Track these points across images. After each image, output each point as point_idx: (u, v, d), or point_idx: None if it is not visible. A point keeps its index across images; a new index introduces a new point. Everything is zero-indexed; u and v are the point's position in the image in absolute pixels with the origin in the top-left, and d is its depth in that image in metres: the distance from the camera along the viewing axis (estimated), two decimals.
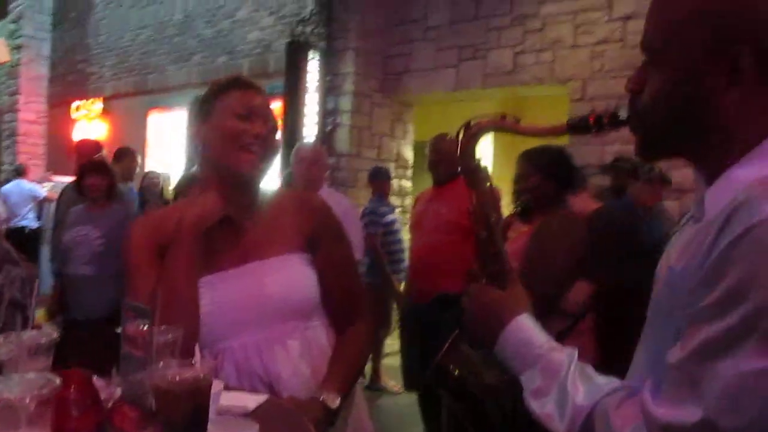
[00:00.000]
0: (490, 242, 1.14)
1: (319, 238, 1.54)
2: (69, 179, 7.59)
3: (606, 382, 0.92)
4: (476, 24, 6.01)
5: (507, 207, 3.95)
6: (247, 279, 1.45)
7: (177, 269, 1.38)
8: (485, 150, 6.72)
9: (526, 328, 1.01)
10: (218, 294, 1.43)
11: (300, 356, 1.47)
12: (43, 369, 1.17)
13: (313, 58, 6.29)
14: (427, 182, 7.16)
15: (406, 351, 3.74)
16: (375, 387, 5.23)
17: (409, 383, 3.92)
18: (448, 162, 3.64)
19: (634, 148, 0.99)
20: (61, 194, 4.63)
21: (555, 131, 1.14)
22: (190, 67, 8.32)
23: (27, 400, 0.91)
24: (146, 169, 8.42)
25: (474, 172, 1.17)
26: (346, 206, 3.86)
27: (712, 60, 0.85)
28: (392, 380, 5.14)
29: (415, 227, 3.74)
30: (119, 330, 1.23)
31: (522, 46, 5.75)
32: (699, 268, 0.79)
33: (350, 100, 6.36)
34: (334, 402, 1.40)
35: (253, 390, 1.39)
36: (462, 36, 6.09)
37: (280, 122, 7.20)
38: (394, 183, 6.52)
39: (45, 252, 6.78)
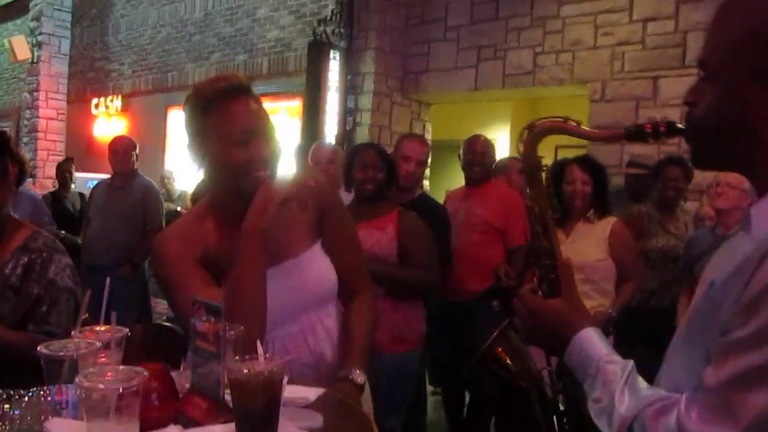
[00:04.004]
0: (545, 238, 1.22)
1: (323, 217, 1.62)
2: (89, 175, 7.72)
3: (651, 393, 0.97)
4: (496, 24, 6.05)
5: None
6: (288, 276, 1.53)
7: (243, 275, 1.43)
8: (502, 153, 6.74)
9: (588, 341, 1.08)
10: None
11: (336, 332, 1.59)
12: (116, 362, 1.24)
13: (333, 58, 6.34)
14: (444, 181, 7.23)
15: (433, 348, 3.79)
16: None
17: (435, 379, 3.98)
18: (482, 163, 3.69)
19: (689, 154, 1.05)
20: (93, 191, 4.71)
21: (613, 137, 1.20)
22: (210, 65, 8.39)
23: (119, 391, 0.98)
24: (165, 167, 8.54)
25: (535, 170, 1.24)
26: None
27: (757, 77, 0.90)
28: None
29: None
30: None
31: (542, 47, 5.78)
32: (738, 294, 0.84)
33: (370, 99, 6.42)
34: (361, 377, 1.50)
35: (300, 374, 1.47)
36: (482, 36, 6.13)
37: (299, 121, 7.14)
38: None
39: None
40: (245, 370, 1.05)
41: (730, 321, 0.84)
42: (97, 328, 1.29)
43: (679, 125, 1.07)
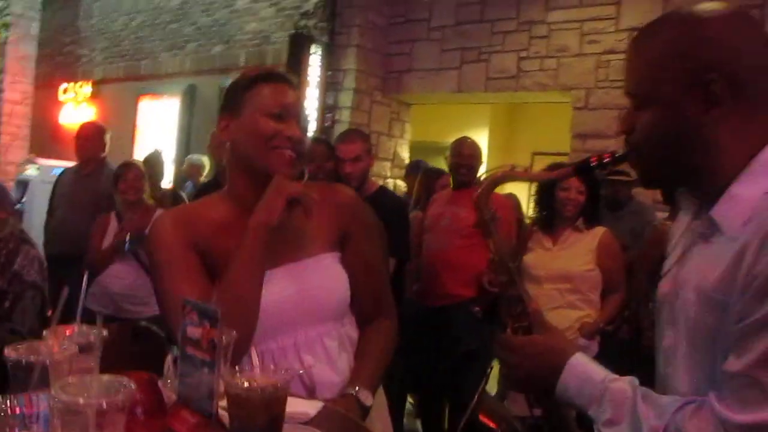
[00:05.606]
0: (512, 287, 1.23)
1: (350, 234, 1.50)
2: (54, 162, 7.45)
3: (671, 400, 0.95)
4: (481, 27, 5.97)
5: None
6: (284, 282, 1.40)
7: (241, 273, 1.32)
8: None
9: (582, 366, 1.05)
10: None
11: (338, 355, 1.45)
12: (91, 369, 1.10)
13: (314, 53, 6.20)
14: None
15: (409, 353, 3.68)
16: None
17: (411, 385, 3.87)
18: (470, 165, 3.60)
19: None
20: (59, 179, 4.49)
21: (562, 174, 1.27)
22: (184, 55, 8.18)
23: (101, 406, 0.85)
24: (134, 157, 8.30)
25: (489, 223, 1.27)
26: None
27: (688, 90, 0.96)
28: None
29: (430, 229, 3.68)
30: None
31: (527, 52, 5.72)
32: (744, 285, 0.87)
33: (350, 97, 6.29)
34: (368, 399, 1.39)
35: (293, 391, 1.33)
36: (466, 38, 6.06)
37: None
38: (390, 182, 6.48)
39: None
40: (245, 384, 0.93)
41: (743, 309, 0.87)
42: (74, 329, 1.15)
43: (623, 152, 1.10)
